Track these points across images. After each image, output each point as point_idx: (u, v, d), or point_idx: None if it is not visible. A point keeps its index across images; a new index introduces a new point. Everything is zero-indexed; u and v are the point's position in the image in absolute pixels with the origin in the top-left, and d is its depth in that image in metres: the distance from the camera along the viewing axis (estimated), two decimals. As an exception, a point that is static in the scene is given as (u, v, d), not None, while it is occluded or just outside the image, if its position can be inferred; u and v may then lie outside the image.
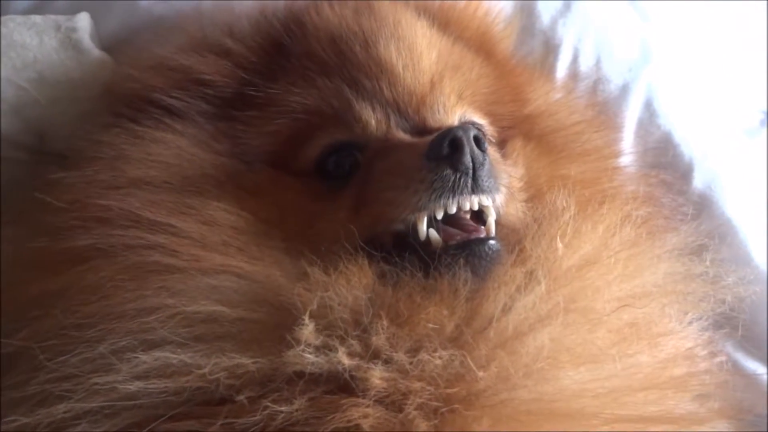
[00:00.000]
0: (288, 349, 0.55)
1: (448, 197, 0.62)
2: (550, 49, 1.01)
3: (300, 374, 0.55)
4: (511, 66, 0.88)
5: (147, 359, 0.55)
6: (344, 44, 0.74)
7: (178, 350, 0.55)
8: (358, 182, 0.68)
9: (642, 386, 0.58)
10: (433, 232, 0.63)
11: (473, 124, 0.74)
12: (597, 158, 0.83)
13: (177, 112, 0.73)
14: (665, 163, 0.94)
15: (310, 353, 0.55)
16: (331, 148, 0.70)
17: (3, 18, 0.82)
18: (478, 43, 0.85)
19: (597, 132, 0.87)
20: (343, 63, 0.73)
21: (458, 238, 0.62)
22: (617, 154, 0.89)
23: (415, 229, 0.63)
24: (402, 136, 0.70)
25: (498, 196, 0.66)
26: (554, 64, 0.99)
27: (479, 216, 0.65)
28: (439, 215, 0.63)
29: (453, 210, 0.63)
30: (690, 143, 0.97)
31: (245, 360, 0.55)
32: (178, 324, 0.56)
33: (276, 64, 0.76)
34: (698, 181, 0.96)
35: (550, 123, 0.83)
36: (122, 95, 0.75)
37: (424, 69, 0.74)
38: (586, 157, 0.82)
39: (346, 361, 0.55)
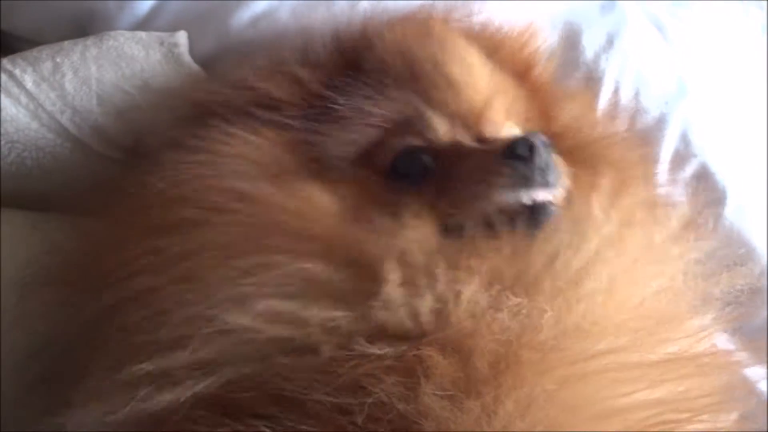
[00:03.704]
0: (374, 304, 0.61)
1: (523, 189, 0.71)
2: (593, 81, 1.08)
3: (383, 329, 0.60)
4: (541, 88, 0.95)
5: (257, 306, 0.61)
6: (415, 61, 0.82)
7: (283, 302, 0.62)
8: (436, 182, 0.75)
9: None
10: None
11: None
12: (624, 169, 0.89)
13: (259, 119, 0.80)
14: (701, 189, 1.00)
15: (390, 308, 0.61)
16: (405, 151, 0.77)
17: (113, 33, 0.92)
18: (517, 69, 0.92)
19: (624, 146, 0.93)
20: (414, 77, 0.81)
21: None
22: (648, 167, 0.97)
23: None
24: (471, 143, 0.78)
25: (560, 191, 0.75)
26: (597, 95, 1.06)
27: None
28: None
29: (528, 201, 0.71)
30: (723, 173, 1.04)
31: (338, 313, 0.61)
32: (281, 280, 0.63)
33: (350, 79, 0.83)
34: (730, 209, 1.02)
35: (575, 139, 0.90)
36: (211, 104, 0.82)
37: (481, 88, 0.83)
38: (613, 168, 0.87)
39: (426, 312, 0.61)
